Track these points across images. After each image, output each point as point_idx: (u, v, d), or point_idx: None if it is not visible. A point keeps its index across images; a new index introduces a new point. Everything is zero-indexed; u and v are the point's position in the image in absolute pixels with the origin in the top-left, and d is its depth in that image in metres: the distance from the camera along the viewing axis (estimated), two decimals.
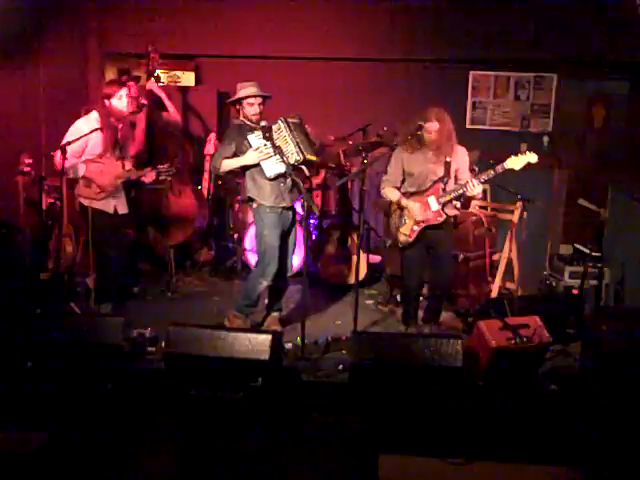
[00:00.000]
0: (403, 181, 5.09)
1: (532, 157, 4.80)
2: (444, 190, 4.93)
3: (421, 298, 5.49)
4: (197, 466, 3.63)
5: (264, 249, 5.07)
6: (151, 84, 6.34)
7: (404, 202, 5.01)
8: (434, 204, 4.95)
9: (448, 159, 4.94)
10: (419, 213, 4.95)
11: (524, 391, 4.33)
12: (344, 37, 7.23)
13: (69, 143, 4.90)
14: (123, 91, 5.14)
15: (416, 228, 4.99)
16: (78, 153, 5.07)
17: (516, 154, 4.80)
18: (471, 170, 5.22)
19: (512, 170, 4.79)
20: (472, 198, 5.00)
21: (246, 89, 4.96)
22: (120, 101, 5.13)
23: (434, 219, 4.97)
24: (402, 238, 5.06)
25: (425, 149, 4.95)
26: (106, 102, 5.12)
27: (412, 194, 5.04)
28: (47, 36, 6.83)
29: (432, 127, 4.87)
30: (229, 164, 4.99)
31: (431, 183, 4.97)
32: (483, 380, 4.31)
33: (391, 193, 5.09)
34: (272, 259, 5.06)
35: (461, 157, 5.03)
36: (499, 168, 4.80)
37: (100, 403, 4.10)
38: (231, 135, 5.05)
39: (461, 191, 4.90)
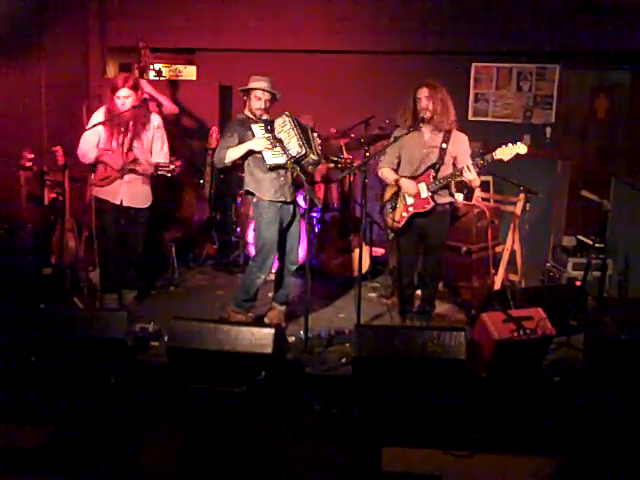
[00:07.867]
0: (399, 165, 5.06)
1: (521, 148, 4.74)
2: (435, 177, 4.90)
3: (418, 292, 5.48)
4: (200, 460, 3.63)
5: (262, 243, 5.06)
6: (140, 82, 6.23)
7: (401, 181, 4.96)
8: (424, 191, 4.89)
9: (444, 145, 4.90)
10: (411, 190, 4.91)
11: (527, 383, 4.33)
12: (345, 30, 7.22)
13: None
14: (129, 94, 5.14)
15: (405, 214, 4.97)
16: (94, 143, 5.21)
17: (506, 144, 4.76)
18: None
19: (501, 160, 4.75)
20: (471, 186, 4.95)
21: (257, 82, 4.95)
22: (119, 100, 5.15)
23: (421, 206, 4.91)
24: (391, 223, 5.06)
25: (423, 130, 4.90)
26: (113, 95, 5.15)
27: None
28: (48, 31, 6.82)
29: (422, 93, 4.81)
30: (234, 152, 4.94)
31: (424, 169, 4.93)
32: (486, 372, 4.31)
33: (388, 173, 5.06)
34: (269, 254, 5.05)
35: (460, 145, 4.95)
36: (488, 158, 4.76)
37: (103, 398, 4.10)
38: (233, 127, 5.03)
39: (451, 179, 4.87)
